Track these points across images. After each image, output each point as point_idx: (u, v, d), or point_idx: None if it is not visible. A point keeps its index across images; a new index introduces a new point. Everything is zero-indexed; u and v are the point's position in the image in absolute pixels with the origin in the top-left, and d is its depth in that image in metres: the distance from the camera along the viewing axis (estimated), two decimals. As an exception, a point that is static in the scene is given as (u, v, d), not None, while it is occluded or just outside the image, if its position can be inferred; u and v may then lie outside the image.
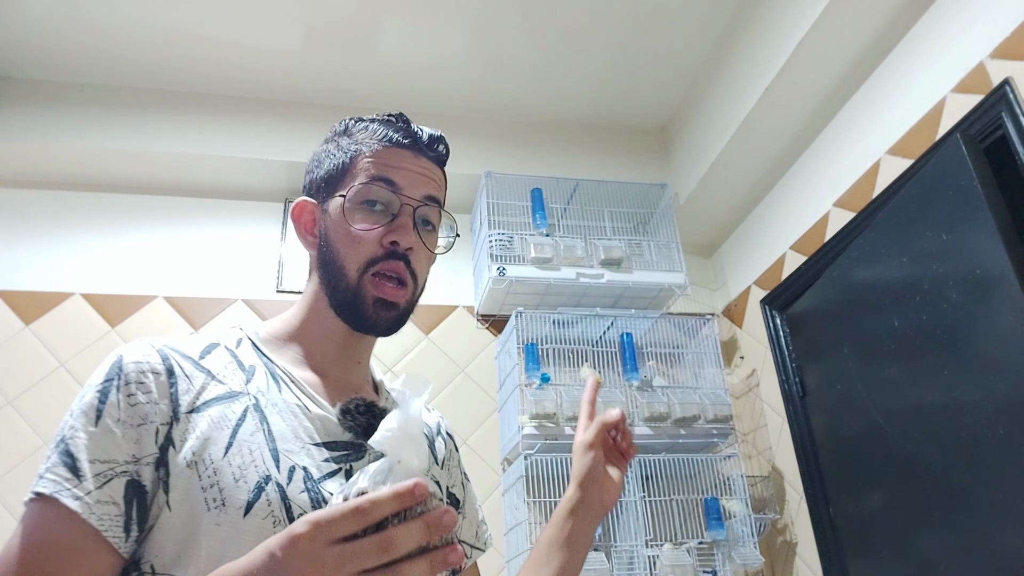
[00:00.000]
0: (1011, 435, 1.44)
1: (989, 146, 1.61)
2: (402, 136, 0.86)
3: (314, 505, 0.69)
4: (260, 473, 0.68)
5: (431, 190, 0.84)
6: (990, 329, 1.50)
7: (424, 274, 0.84)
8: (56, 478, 0.64)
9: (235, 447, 0.69)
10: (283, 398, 0.76)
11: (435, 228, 0.85)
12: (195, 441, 0.69)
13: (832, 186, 2.14)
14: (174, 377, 0.72)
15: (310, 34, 2.31)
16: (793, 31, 1.98)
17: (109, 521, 0.64)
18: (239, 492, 0.67)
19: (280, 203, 2.54)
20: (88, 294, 2.25)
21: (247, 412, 0.73)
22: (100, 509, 0.64)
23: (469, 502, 0.92)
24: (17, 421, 2.04)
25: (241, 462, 0.68)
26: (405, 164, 0.84)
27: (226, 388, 0.74)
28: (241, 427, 0.71)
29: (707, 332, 2.35)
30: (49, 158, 2.33)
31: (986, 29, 1.64)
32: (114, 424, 0.67)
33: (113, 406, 0.68)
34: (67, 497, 0.63)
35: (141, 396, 0.69)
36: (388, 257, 0.79)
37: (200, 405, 0.71)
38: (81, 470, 0.64)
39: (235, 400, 0.73)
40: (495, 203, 2.37)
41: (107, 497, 0.64)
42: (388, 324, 0.81)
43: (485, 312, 2.43)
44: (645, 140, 2.82)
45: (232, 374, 0.76)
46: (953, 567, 1.58)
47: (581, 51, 2.43)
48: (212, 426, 0.70)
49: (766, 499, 2.22)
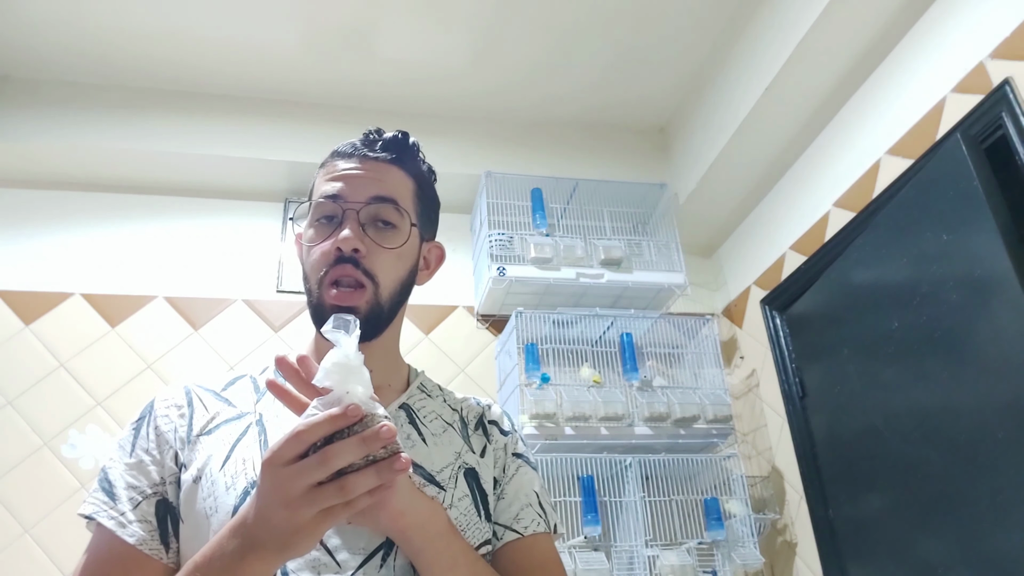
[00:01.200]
0: (1011, 437, 1.44)
1: (989, 146, 1.61)
2: (350, 148, 0.88)
3: None
4: (248, 479, 0.74)
5: (377, 189, 0.85)
6: (990, 330, 1.50)
7: (387, 272, 0.84)
8: (96, 501, 0.76)
9: (231, 460, 0.76)
10: (287, 411, 0.79)
11: (395, 225, 0.85)
12: (201, 459, 0.77)
13: (832, 186, 2.13)
14: (192, 407, 0.82)
15: (310, 34, 2.31)
16: (793, 31, 1.98)
17: (144, 536, 0.74)
18: (228, 498, 0.73)
19: (280, 203, 2.54)
20: (88, 294, 2.25)
21: (249, 428, 0.80)
22: (134, 528, 0.74)
23: (514, 485, 0.88)
24: (17, 421, 2.04)
25: (234, 471, 0.75)
26: (348, 171, 0.86)
27: (236, 411, 0.82)
28: (240, 442, 0.79)
29: (707, 332, 2.35)
30: (49, 158, 2.33)
31: (986, 29, 1.64)
32: (144, 454, 0.79)
33: (143, 438, 0.80)
34: (104, 517, 0.74)
35: (165, 427, 0.80)
36: (337, 263, 0.81)
37: (212, 428, 0.80)
38: (117, 495, 0.76)
39: (241, 419, 0.81)
40: (495, 203, 2.37)
41: (140, 516, 0.75)
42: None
43: (485, 312, 2.43)
44: (645, 140, 2.82)
45: (246, 398, 0.85)
46: (952, 568, 1.58)
47: (581, 51, 2.43)
48: (216, 444, 0.78)
49: (766, 499, 2.22)
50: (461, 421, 0.92)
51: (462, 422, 0.92)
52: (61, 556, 1.92)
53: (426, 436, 0.85)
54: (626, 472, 2.07)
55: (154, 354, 2.20)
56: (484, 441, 0.91)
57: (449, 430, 0.89)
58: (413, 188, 0.89)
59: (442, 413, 0.91)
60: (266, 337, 2.30)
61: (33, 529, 1.93)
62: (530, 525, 0.85)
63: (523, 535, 0.84)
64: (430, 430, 0.86)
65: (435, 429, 0.87)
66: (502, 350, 2.34)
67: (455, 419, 0.91)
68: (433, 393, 0.95)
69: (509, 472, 0.89)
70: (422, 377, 0.97)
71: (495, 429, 0.94)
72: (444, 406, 0.93)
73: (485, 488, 0.85)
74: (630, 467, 2.06)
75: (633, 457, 2.07)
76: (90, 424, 2.08)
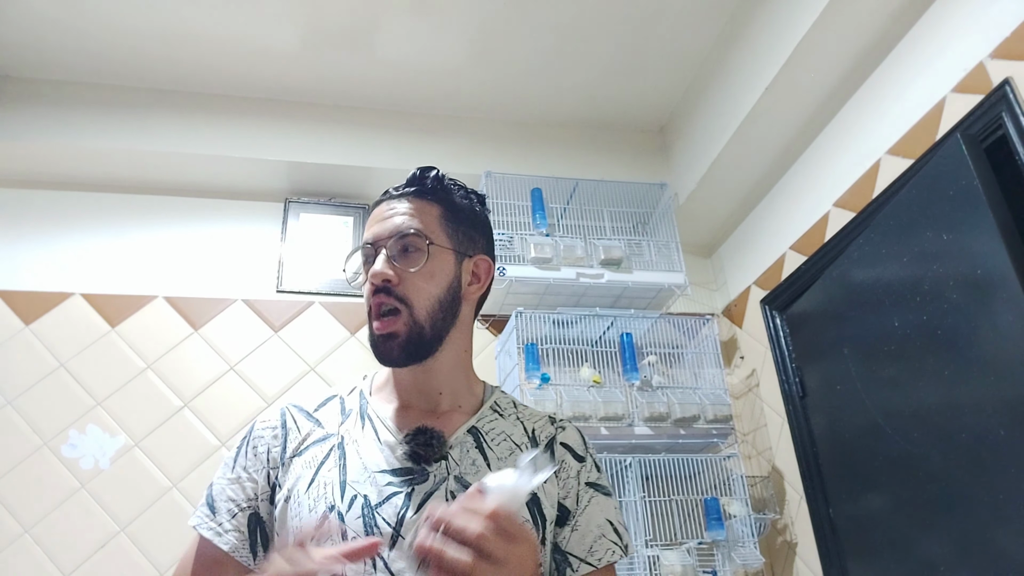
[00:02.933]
0: (1011, 436, 1.44)
1: (989, 146, 1.61)
2: (383, 194, 0.98)
3: (367, 529, 0.79)
4: (327, 503, 0.82)
5: (399, 223, 0.92)
6: (990, 330, 1.50)
7: (419, 294, 0.90)
8: (200, 515, 0.87)
9: (316, 483, 0.84)
10: (364, 434, 0.89)
11: (421, 250, 0.91)
12: (292, 480, 0.86)
13: (832, 186, 2.13)
14: (286, 430, 0.91)
15: (310, 34, 2.31)
16: (793, 31, 1.98)
17: (236, 544, 0.84)
18: (311, 519, 0.81)
19: (280, 203, 2.54)
20: (88, 294, 2.25)
21: (331, 450, 0.88)
22: (229, 536, 0.84)
23: (587, 516, 0.91)
24: (17, 421, 2.04)
25: (317, 495, 0.83)
26: (380, 216, 0.94)
27: (324, 432, 0.90)
28: (324, 464, 0.86)
29: (707, 332, 2.35)
30: (49, 158, 2.33)
31: (986, 29, 1.64)
32: (242, 471, 0.88)
33: (243, 457, 0.90)
34: (204, 528, 0.85)
35: (261, 448, 0.90)
36: (375, 294, 0.90)
37: (303, 449, 0.89)
38: (217, 508, 0.86)
39: (326, 441, 0.89)
40: (495, 203, 2.36)
41: (233, 527, 0.85)
42: (397, 353, 0.89)
43: (485, 312, 2.43)
44: (645, 140, 2.82)
45: (333, 419, 0.92)
46: (953, 567, 1.58)
47: (581, 51, 2.43)
48: (304, 467, 0.86)
49: (766, 499, 2.22)
50: (532, 441, 0.94)
51: (533, 442, 0.94)
52: (61, 556, 1.92)
53: (491, 460, 0.88)
54: (626, 472, 2.07)
55: (154, 354, 2.20)
56: (554, 464, 0.93)
57: (516, 453, 0.91)
58: (439, 212, 0.95)
59: (512, 434, 0.93)
60: (266, 337, 2.30)
61: (33, 529, 1.93)
62: (604, 556, 0.89)
63: (597, 567, 0.88)
64: (496, 454, 0.89)
65: (501, 452, 0.90)
66: (502, 350, 2.34)
67: (524, 441, 0.93)
68: (506, 412, 0.97)
69: (582, 503, 0.92)
70: (497, 394, 1.00)
71: (568, 454, 0.95)
72: (516, 425, 0.95)
73: (546, 514, 0.87)
74: (630, 467, 2.06)
75: (633, 457, 2.07)
76: (90, 424, 2.08)
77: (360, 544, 0.69)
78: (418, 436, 0.86)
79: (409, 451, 0.85)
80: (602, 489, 0.94)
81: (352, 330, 2.38)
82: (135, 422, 2.11)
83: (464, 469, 0.86)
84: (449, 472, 0.85)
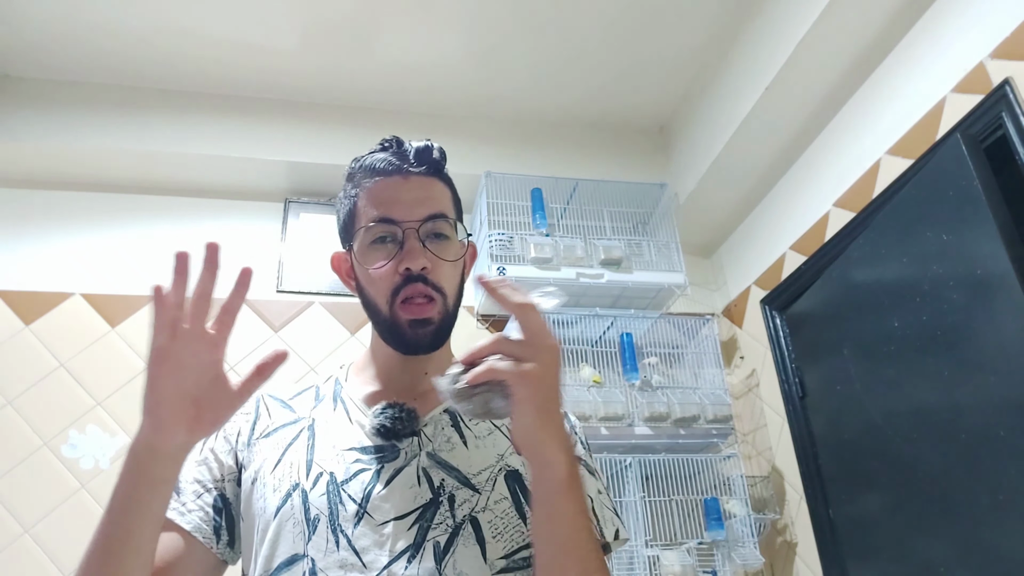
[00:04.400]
0: (1011, 436, 1.44)
1: (989, 146, 1.61)
2: (389, 166, 0.89)
3: (331, 507, 0.77)
4: (292, 482, 0.79)
5: (429, 207, 0.87)
6: (990, 330, 1.50)
7: (451, 283, 0.88)
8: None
9: (282, 463, 0.82)
10: (335, 415, 0.87)
11: (449, 237, 0.88)
12: (258, 462, 0.83)
13: (832, 186, 2.13)
14: (257, 414, 0.89)
15: (309, 33, 2.31)
16: (793, 31, 1.98)
17: (199, 524, 0.81)
18: (274, 499, 0.79)
19: (280, 203, 2.54)
20: (88, 294, 2.25)
21: (301, 432, 0.85)
22: (192, 516, 0.81)
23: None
24: (17, 421, 2.04)
25: (282, 475, 0.81)
26: (398, 192, 0.88)
27: (295, 416, 0.88)
28: (292, 445, 0.84)
29: (707, 332, 2.35)
30: (49, 158, 2.33)
31: (986, 29, 1.64)
32: (209, 452, 0.86)
33: (212, 439, 0.87)
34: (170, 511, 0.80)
35: (230, 429, 0.87)
36: (406, 283, 0.84)
37: (271, 432, 0.86)
38: (182, 489, 0.83)
39: (296, 423, 0.87)
40: (495, 203, 2.37)
41: (198, 507, 0.82)
42: (429, 339, 0.86)
43: (485, 312, 2.43)
44: (645, 140, 2.82)
45: (306, 404, 0.90)
46: (952, 568, 1.58)
47: (580, 50, 2.43)
48: (272, 448, 0.84)
49: (766, 499, 2.22)
50: None
51: None
52: (61, 556, 1.92)
53: (468, 439, 0.86)
54: (626, 472, 2.07)
55: (154, 354, 2.20)
56: None
57: (496, 432, 0.89)
58: (451, 196, 0.93)
59: None
60: (266, 337, 2.30)
61: (33, 529, 1.93)
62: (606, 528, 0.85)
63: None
64: (474, 432, 0.87)
65: (480, 432, 0.88)
66: (502, 350, 2.33)
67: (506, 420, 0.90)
68: None
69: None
70: None
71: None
72: None
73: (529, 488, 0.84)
74: (630, 467, 2.06)
75: (633, 457, 2.07)
76: (90, 424, 2.08)
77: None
78: (387, 410, 0.83)
79: (378, 424, 0.82)
80: (587, 465, 0.90)
81: (352, 330, 2.38)
82: (135, 422, 2.10)
83: (438, 446, 0.83)
84: (421, 448, 0.82)
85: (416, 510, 0.77)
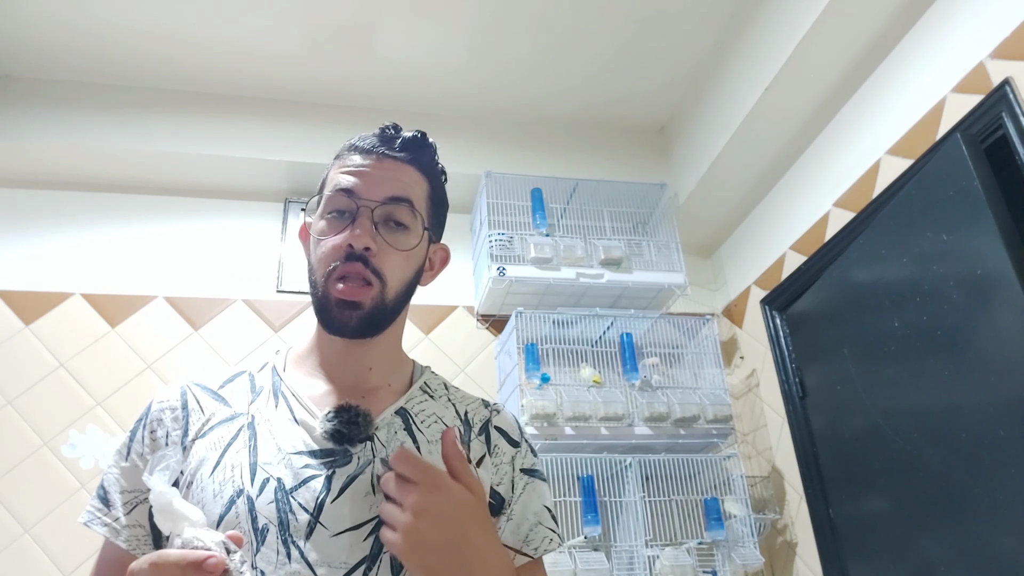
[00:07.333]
0: (1011, 436, 1.44)
1: (989, 146, 1.61)
2: (366, 142, 0.87)
3: (280, 516, 0.73)
4: (235, 488, 0.74)
5: (394, 190, 0.84)
6: (991, 330, 1.50)
7: (397, 274, 0.84)
8: (91, 509, 0.78)
9: (221, 466, 0.76)
10: (278, 413, 0.81)
11: (408, 227, 0.85)
12: (194, 464, 0.77)
13: (832, 186, 2.13)
14: (187, 410, 0.82)
15: (310, 34, 2.31)
16: (793, 31, 1.98)
17: (136, 541, 0.76)
18: (215, 507, 0.73)
19: (280, 203, 2.54)
20: (88, 294, 2.25)
21: (240, 431, 0.79)
22: (127, 532, 0.76)
23: (522, 504, 0.86)
24: (17, 421, 2.04)
25: (222, 479, 0.75)
26: (366, 168, 0.85)
27: (231, 411, 0.82)
28: (231, 446, 0.78)
29: (707, 332, 2.35)
30: (49, 158, 2.33)
31: (986, 29, 1.64)
32: (138, 459, 0.80)
33: (138, 443, 0.81)
34: (97, 525, 0.77)
35: (160, 432, 0.81)
36: (346, 260, 0.81)
37: (206, 431, 0.80)
38: (112, 500, 0.78)
39: (234, 421, 0.81)
40: (495, 203, 2.37)
41: (134, 521, 0.77)
42: (355, 323, 0.81)
43: (485, 312, 2.43)
44: (644, 140, 2.82)
45: (241, 397, 0.83)
46: (953, 568, 1.58)
47: (580, 51, 2.43)
48: (208, 449, 0.78)
49: (766, 499, 2.22)
50: (465, 424, 0.88)
51: (466, 425, 0.88)
52: (61, 556, 1.92)
53: (421, 444, 0.82)
54: (626, 472, 2.07)
55: (154, 354, 2.21)
56: (484, 450, 0.87)
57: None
58: (427, 190, 0.89)
59: (443, 416, 0.87)
60: (266, 337, 2.30)
61: (33, 529, 1.93)
62: (541, 545, 0.84)
63: (533, 557, 0.84)
64: (426, 436, 0.84)
65: (432, 435, 0.84)
66: (502, 350, 2.34)
67: (457, 423, 0.88)
68: (437, 393, 0.91)
69: (517, 490, 0.86)
70: (427, 375, 0.94)
71: (502, 439, 0.89)
72: (448, 407, 0.90)
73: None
74: (630, 467, 2.06)
75: (633, 457, 2.07)
76: (90, 424, 2.08)
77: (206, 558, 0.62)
78: (341, 414, 0.78)
79: (331, 430, 0.77)
80: (538, 475, 0.89)
81: (352, 330, 2.37)
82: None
83: (392, 451, 0.77)
84: (375, 454, 0.78)
85: (371, 520, 0.74)
